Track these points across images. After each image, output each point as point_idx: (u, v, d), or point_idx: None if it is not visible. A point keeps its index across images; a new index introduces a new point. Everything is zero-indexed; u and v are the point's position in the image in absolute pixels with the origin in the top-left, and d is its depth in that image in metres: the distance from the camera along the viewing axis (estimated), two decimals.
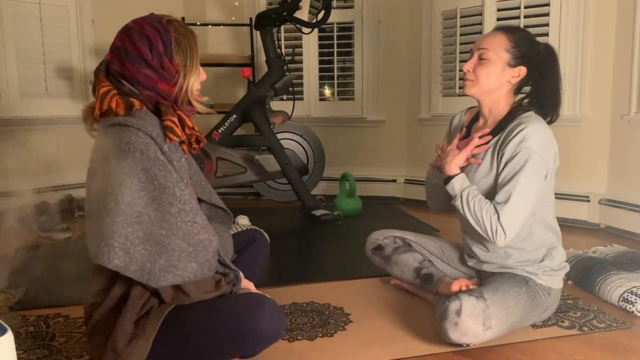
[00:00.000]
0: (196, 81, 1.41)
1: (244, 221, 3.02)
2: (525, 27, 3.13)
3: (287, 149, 3.60)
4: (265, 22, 3.47)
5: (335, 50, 4.24)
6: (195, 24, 4.08)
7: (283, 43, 4.20)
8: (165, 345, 1.29)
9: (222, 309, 1.32)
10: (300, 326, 1.79)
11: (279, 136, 3.58)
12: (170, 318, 1.30)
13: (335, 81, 4.33)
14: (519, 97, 1.81)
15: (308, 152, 3.82)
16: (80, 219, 3.39)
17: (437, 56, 3.85)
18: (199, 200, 1.51)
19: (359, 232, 2.72)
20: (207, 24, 4.37)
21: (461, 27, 3.66)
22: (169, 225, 1.28)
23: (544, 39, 3.05)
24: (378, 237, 2.12)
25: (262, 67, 3.91)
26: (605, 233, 3.05)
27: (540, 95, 1.77)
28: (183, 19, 4.01)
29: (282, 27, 3.89)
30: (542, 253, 1.76)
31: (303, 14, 3.41)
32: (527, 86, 1.81)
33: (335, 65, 4.28)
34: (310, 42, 4.22)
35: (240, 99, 3.61)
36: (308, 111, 4.32)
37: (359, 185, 3.74)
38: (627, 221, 2.93)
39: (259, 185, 3.83)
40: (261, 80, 3.59)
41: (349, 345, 1.66)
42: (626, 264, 2.23)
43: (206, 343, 1.30)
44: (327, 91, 4.42)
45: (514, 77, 1.73)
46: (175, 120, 1.34)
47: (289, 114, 3.68)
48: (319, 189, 3.89)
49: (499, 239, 1.64)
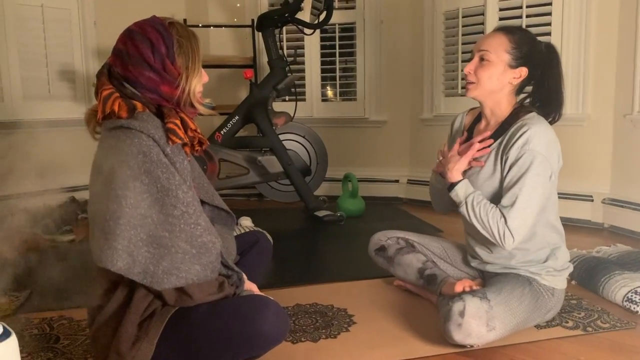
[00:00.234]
0: (198, 83, 1.41)
1: (246, 222, 3.02)
2: (527, 26, 3.13)
3: (290, 150, 3.60)
4: (267, 24, 3.46)
5: (337, 51, 4.24)
6: (197, 26, 4.09)
7: (285, 44, 4.19)
8: (168, 348, 1.29)
9: (226, 311, 1.32)
10: (304, 328, 1.79)
11: (281, 137, 3.58)
12: (174, 320, 1.31)
13: (338, 82, 4.32)
14: (520, 97, 1.81)
15: (310, 153, 3.82)
16: (84, 222, 3.39)
17: (439, 56, 3.84)
18: (202, 202, 1.51)
19: (361, 233, 2.72)
20: (209, 26, 4.37)
21: (463, 27, 3.66)
22: (172, 227, 1.28)
23: (546, 38, 3.04)
24: (381, 237, 2.11)
25: (265, 69, 3.91)
26: (609, 233, 3.04)
27: (542, 95, 1.77)
28: (185, 20, 4.02)
29: (284, 28, 3.88)
30: (546, 253, 1.75)
31: (305, 15, 3.41)
32: (529, 86, 1.80)
33: (338, 66, 4.27)
34: (312, 43, 4.22)
35: (243, 100, 3.61)
36: (310, 112, 4.32)
37: (362, 185, 3.74)
38: (631, 221, 2.92)
39: (261, 186, 3.83)
40: (263, 81, 3.60)
41: (352, 346, 1.66)
42: (630, 264, 2.22)
43: (209, 345, 1.30)
44: (330, 92, 4.42)
45: (515, 78, 1.73)
46: (178, 122, 1.34)
47: (292, 115, 3.68)
48: (322, 190, 3.89)
49: (507, 242, 1.64)
